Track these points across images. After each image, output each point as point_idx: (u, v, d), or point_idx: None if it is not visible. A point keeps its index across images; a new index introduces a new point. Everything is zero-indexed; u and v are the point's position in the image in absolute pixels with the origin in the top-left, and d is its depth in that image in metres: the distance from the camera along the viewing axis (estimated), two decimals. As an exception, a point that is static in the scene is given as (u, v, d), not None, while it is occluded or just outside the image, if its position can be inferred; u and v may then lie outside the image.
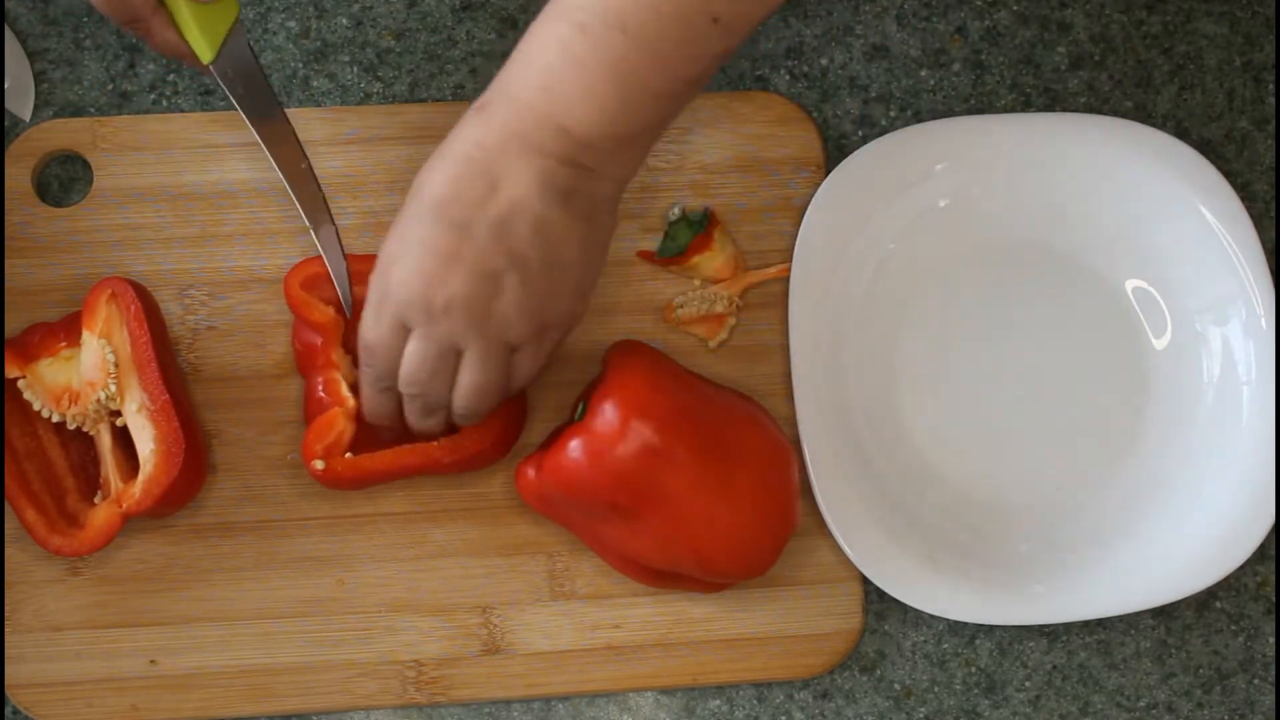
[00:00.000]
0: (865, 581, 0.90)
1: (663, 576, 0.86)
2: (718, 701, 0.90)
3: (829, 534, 0.89)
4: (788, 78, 0.94)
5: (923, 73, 0.95)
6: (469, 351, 0.78)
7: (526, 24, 0.93)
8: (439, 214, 0.75)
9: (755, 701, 0.90)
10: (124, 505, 0.84)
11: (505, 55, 0.93)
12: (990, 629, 0.91)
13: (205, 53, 0.82)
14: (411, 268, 0.76)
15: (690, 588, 0.87)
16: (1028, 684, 0.91)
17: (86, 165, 0.91)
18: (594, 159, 0.75)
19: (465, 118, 0.77)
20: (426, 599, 0.88)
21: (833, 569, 0.90)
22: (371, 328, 0.79)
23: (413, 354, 0.78)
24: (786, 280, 0.91)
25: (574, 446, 0.82)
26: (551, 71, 0.74)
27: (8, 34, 0.91)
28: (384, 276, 0.78)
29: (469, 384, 0.79)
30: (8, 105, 0.91)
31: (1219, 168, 0.93)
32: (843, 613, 0.89)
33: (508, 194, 0.75)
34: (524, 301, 0.76)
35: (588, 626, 0.88)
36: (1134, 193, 0.92)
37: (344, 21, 0.94)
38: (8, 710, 0.87)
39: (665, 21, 0.73)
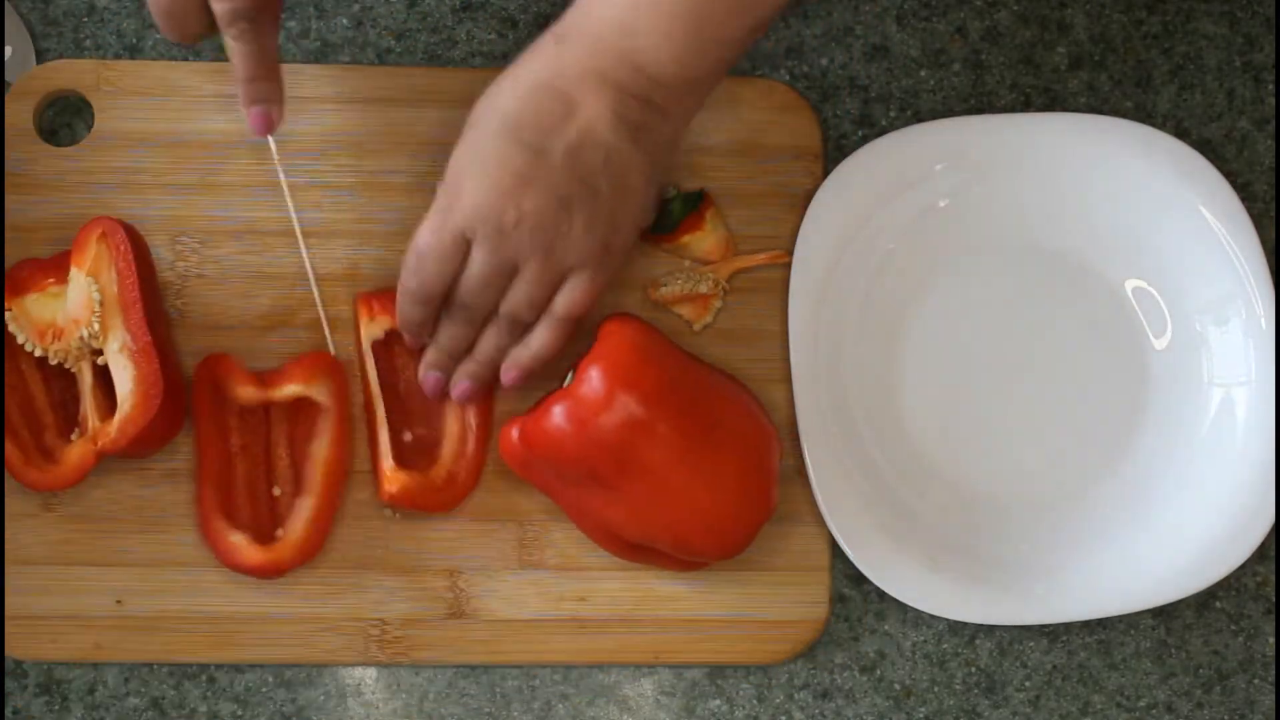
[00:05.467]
0: (834, 572, 0.90)
1: (637, 550, 0.86)
2: (718, 702, 0.90)
3: (804, 522, 0.89)
4: (788, 78, 0.94)
5: (923, 73, 0.95)
6: (527, 269, 0.81)
7: (526, 24, 0.94)
8: (516, 135, 0.78)
9: (755, 701, 0.90)
10: (99, 443, 0.85)
11: (505, 56, 0.94)
12: (990, 629, 0.91)
13: None
14: (485, 184, 0.79)
15: (664, 564, 0.87)
16: (1028, 684, 0.91)
17: (89, 106, 0.91)
18: (664, 98, 0.79)
19: (540, 47, 0.79)
20: (395, 558, 0.88)
21: (804, 558, 0.90)
22: (431, 234, 0.81)
23: (475, 264, 0.81)
24: (775, 267, 0.91)
25: (558, 412, 0.82)
26: (633, 12, 0.77)
27: (6, 8, 0.92)
28: (454, 189, 0.80)
29: (523, 296, 0.82)
30: (7, 76, 0.91)
31: (1219, 168, 0.93)
32: (809, 601, 0.89)
33: (583, 122, 0.78)
34: (591, 226, 0.80)
35: (554, 597, 0.89)
36: (1134, 193, 0.92)
37: (344, 21, 0.94)
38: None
39: None
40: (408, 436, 0.89)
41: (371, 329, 0.88)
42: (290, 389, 0.86)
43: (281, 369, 0.87)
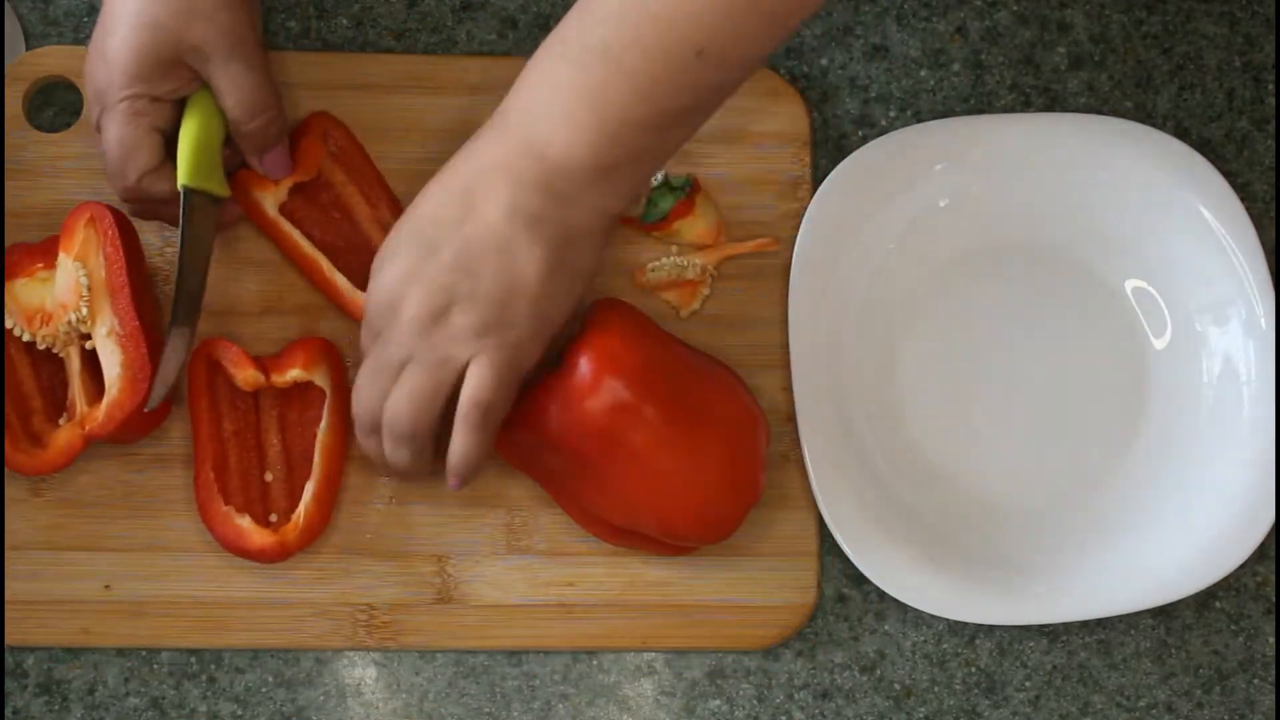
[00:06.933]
0: (833, 572, 0.90)
1: (624, 534, 0.87)
2: (718, 702, 0.90)
3: (792, 507, 0.90)
4: (788, 78, 0.94)
5: (923, 73, 0.95)
6: (411, 362, 0.79)
7: (526, 24, 0.94)
8: (419, 232, 0.79)
9: (755, 701, 0.90)
10: (87, 427, 0.85)
11: (505, 55, 0.94)
12: (990, 629, 0.91)
13: (184, 175, 0.83)
14: (383, 283, 0.79)
15: (651, 549, 0.87)
16: (1028, 684, 0.91)
17: (78, 92, 0.91)
18: (570, 187, 0.77)
19: (481, 132, 0.80)
20: (383, 544, 0.89)
21: (791, 543, 0.90)
22: (362, 334, 0.82)
23: (365, 366, 0.81)
24: (764, 255, 0.91)
25: (545, 396, 0.82)
26: (536, 97, 0.76)
27: (5, 8, 0.92)
28: (369, 287, 0.81)
29: (401, 391, 0.79)
30: None
31: (1219, 168, 0.93)
32: (797, 587, 0.89)
33: (479, 216, 0.77)
34: (469, 310, 0.77)
35: (541, 583, 0.89)
36: (1134, 193, 0.92)
37: (344, 22, 0.94)
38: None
39: (648, 52, 0.74)
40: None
41: (277, 194, 0.88)
42: (293, 374, 0.87)
43: (281, 354, 0.88)
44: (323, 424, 0.87)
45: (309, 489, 0.86)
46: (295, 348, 0.87)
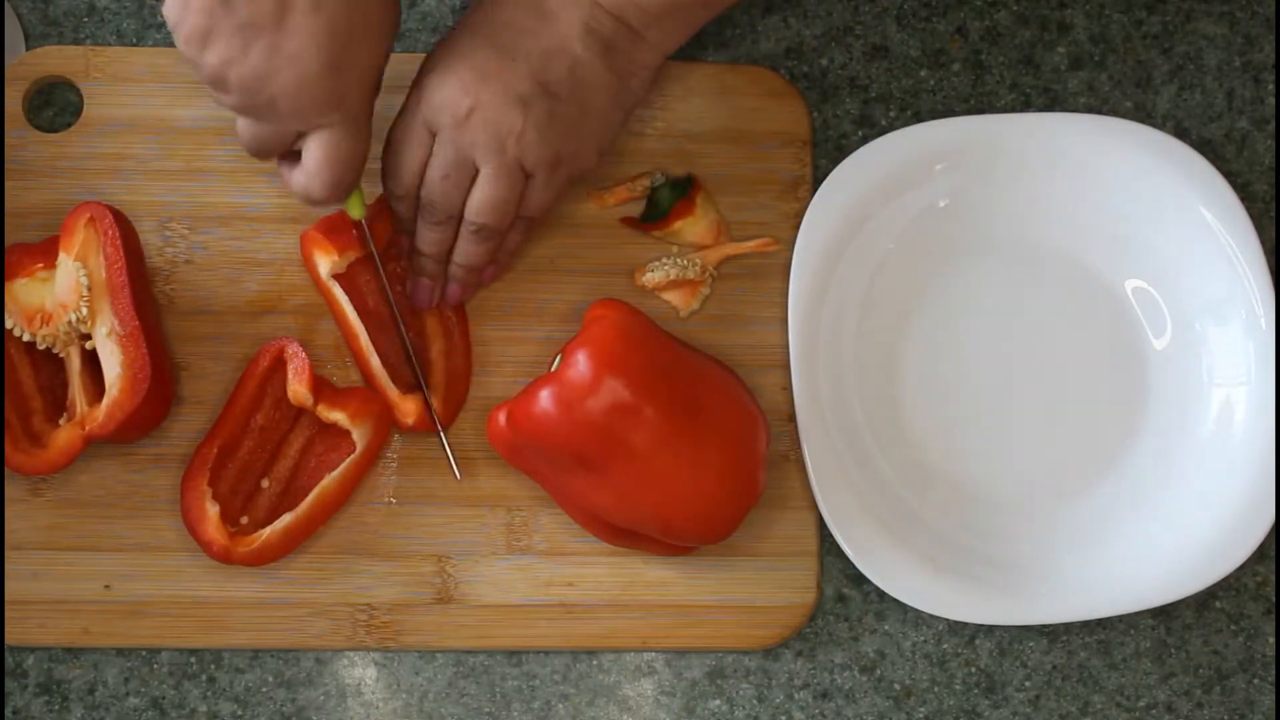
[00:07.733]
0: (822, 558, 0.90)
1: (624, 535, 0.87)
2: (718, 702, 0.90)
3: (791, 507, 0.90)
4: (788, 78, 0.94)
5: (923, 73, 0.95)
6: (485, 167, 0.82)
7: (526, 24, 0.94)
8: (487, 36, 0.81)
9: (755, 701, 0.90)
10: (86, 427, 0.85)
11: (505, 55, 0.94)
12: (990, 629, 0.91)
13: (357, 210, 0.85)
14: (449, 78, 0.81)
15: (650, 549, 0.88)
16: (1028, 684, 0.91)
17: (78, 92, 0.91)
18: (640, 20, 0.81)
19: None
20: (383, 544, 0.89)
21: (791, 543, 0.90)
22: (399, 127, 0.84)
23: (434, 157, 0.82)
24: (764, 255, 0.91)
25: (545, 395, 0.82)
26: None
27: (5, 7, 0.92)
28: (421, 84, 0.82)
29: (481, 197, 0.83)
30: None
31: (1219, 168, 0.93)
32: (797, 587, 0.90)
33: (553, 30, 0.80)
34: (545, 130, 0.81)
35: (541, 583, 0.89)
36: (1134, 193, 0.92)
37: (344, 21, 0.94)
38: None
39: None
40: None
41: (334, 263, 0.88)
42: (337, 415, 0.86)
43: (341, 391, 0.87)
44: (335, 472, 0.87)
45: (285, 519, 0.86)
46: (354, 395, 0.87)
